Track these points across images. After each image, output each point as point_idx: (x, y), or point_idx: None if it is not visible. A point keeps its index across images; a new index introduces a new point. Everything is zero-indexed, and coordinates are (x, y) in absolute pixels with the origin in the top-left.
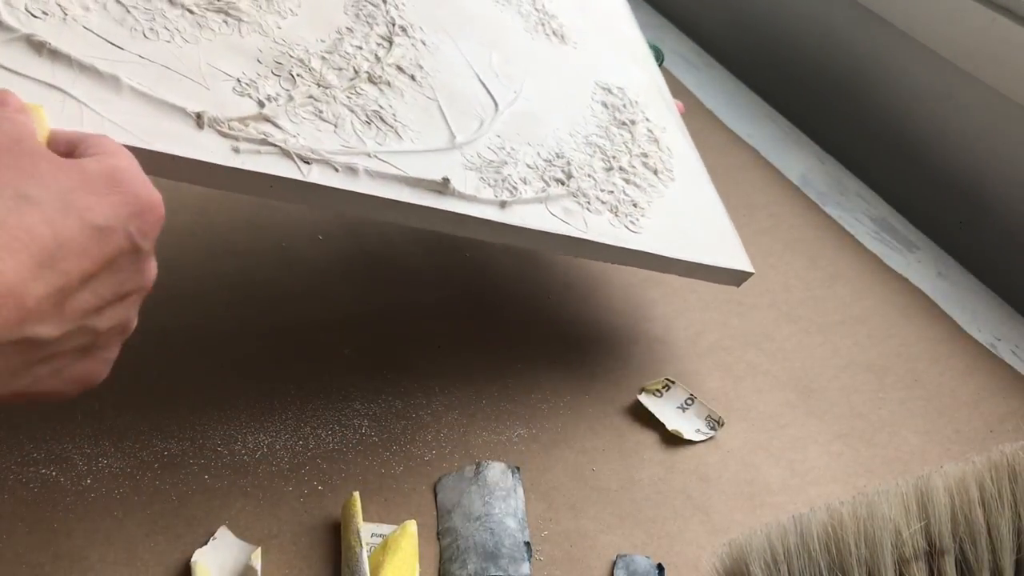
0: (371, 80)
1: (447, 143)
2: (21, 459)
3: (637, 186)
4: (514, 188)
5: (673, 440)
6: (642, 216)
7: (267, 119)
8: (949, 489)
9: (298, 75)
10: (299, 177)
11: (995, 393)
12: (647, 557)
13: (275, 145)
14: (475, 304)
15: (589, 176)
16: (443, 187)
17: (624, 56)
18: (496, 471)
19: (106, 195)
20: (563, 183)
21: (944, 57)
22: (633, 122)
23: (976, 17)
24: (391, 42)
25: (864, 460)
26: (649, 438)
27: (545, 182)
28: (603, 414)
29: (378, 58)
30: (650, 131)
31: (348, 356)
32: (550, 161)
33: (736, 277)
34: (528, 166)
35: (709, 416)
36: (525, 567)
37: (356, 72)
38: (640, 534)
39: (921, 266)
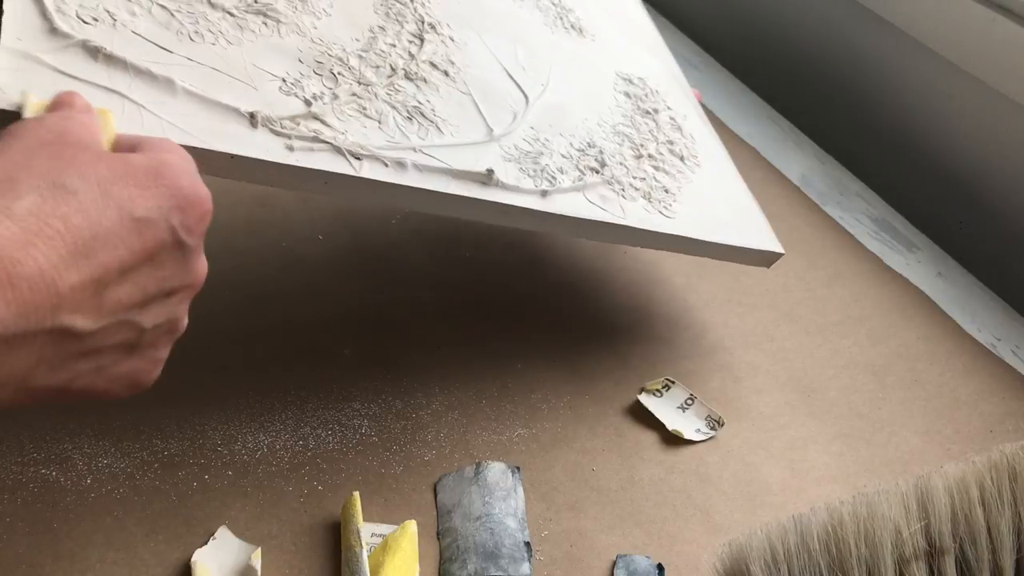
0: (408, 77)
1: (485, 136)
2: (21, 459)
3: (666, 172)
4: (553, 178)
5: (673, 440)
6: (674, 201)
7: (316, 117)
8: (949, 489)
9: (339, 73)
10: (352, 172)
11: (995, 393)
12: (647, 557)
13: (326, 142)
14: (475, 304)
15: (621, 164)
16: (487, 178)
17: (640, 47)
18: (496, 471)
19: (148, 187)
20: (598, 171)
21: (944, 57)
22: (656, 111)
23: (976, 17)
24: (422, 39)
25: (864, 460)
26: (649, 438)
27: (580, 171)
28: (603, 414)
29: (412, 55)
30: (673, 119)
31: (348, 356)
32: (583, 151)
33: (766, 258)
34: (563, 156)
35: (709, 416)
36: (525, 567)
37: (393, 69)
38: (640, 534)
39: (921, 266)
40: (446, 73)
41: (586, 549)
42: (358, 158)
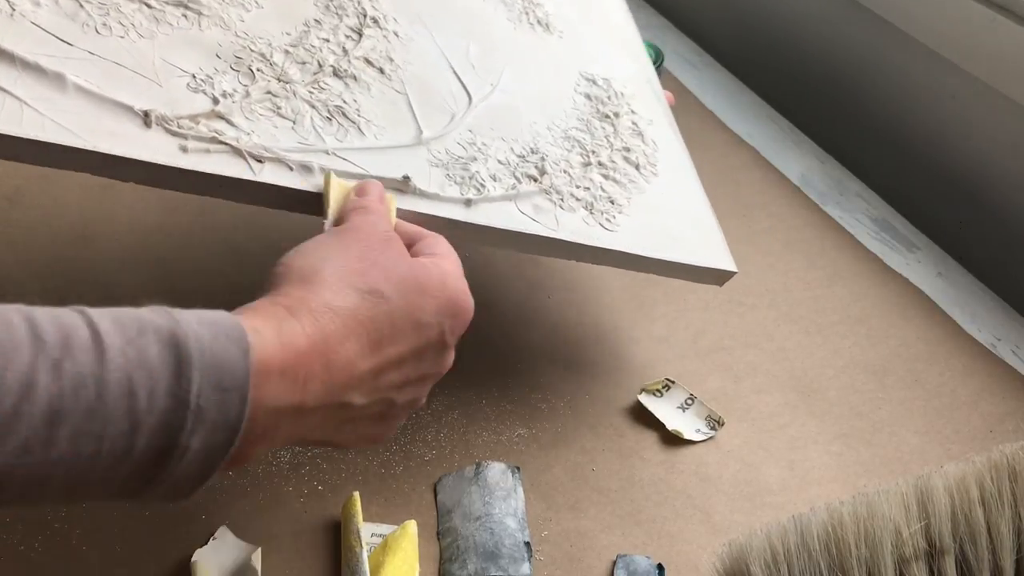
0: (336, 74)
1: (413, 139)
2: None
3: (616, 182)
4: (481, 185)
5: (673, 440)
6: (619, 213)
7: (220, 116)
8: (949, 489)
9: (258, 70)
10: (249, 177)
11: (995, 393)
12: (647, 557)
13: (226, 143)
14: (475, 304)
15: (564, 172)
16: (403, 185)
17: (613, 47)
18: (496, 471)
19: (434, 297)
20: (536, 179)
21: (944, 57)
22: (617, 115)
23: (976, 17)
24: (361, 34)
25: (864, 460)
26: (649, 438)
27: (516, 179)
28: (603, 414)
29: (345, 51)
30: (635, 124)
31: None
32: (523, 157)
33: (718, 276)
34: (499, 162)
35: (709, 416)
36: (525, 567)
37: (320, 66)
38: (640, 534)
39: (921, 266)
40: (382, 71)
41: (586, 549)
42: (260, 161)
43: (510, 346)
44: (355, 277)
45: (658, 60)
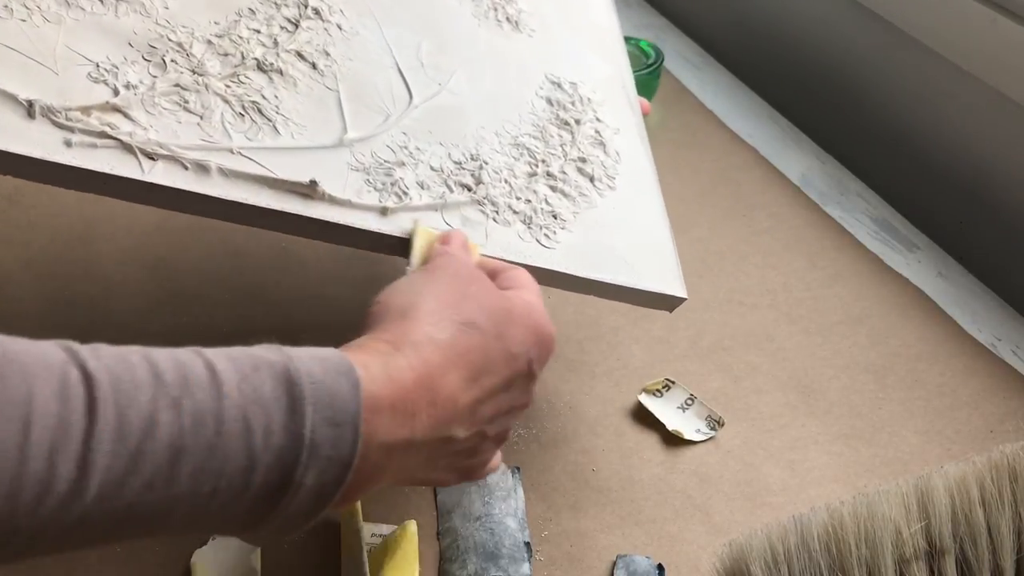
0: (260, 68)
1: (335, 140)
2: None
3: (564, 194)
4: (404, 193)
5: (673, 440)
6: (561, 229)
7: (117, 109)
8: (949, 489)
9: (172, 61)
10: (136, 176)
11: (995, 393)
12: (647, 557)
13: (116, 138)
14: None
15: (505, 182)
16: (310, 190)
17: (588, 48)
18: (496, 471)
19: (521, 328)
20: (469, 189)
21: (944, 57)
22: (578, 122)
23: (976, 17)
24: (297, 26)
25: (864, 460)
26: (649, 438)
27: (448, 187)
28: (603, 414)
29: (276, 43)
30: (598, 132)
31: None
32: (460, 163)
33: (665, 302)
34: (432, 168)
35: (709, 416)
36: (525, 567)
37: (243, 58)
38: (640, 534)
39: (921, 266)
40: (314, 65)
41: (586, 549)
42: (153, 158)
43: None
44: (450, 310)
45: (658, 60)
